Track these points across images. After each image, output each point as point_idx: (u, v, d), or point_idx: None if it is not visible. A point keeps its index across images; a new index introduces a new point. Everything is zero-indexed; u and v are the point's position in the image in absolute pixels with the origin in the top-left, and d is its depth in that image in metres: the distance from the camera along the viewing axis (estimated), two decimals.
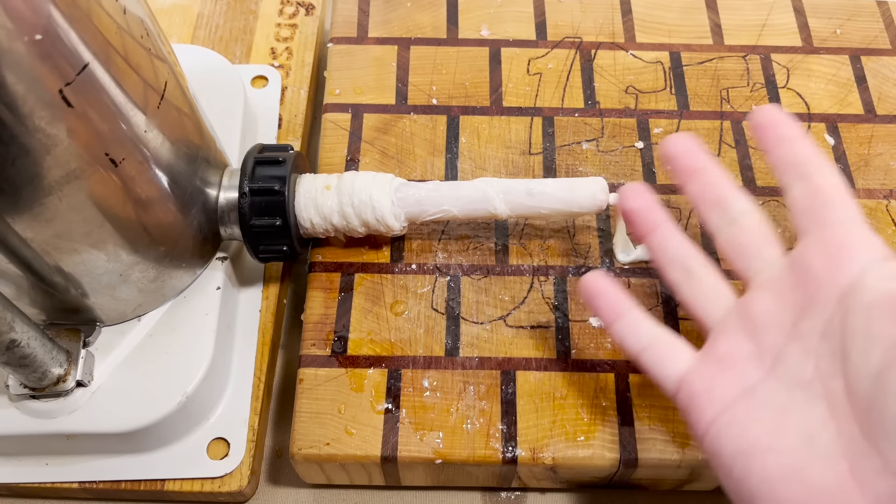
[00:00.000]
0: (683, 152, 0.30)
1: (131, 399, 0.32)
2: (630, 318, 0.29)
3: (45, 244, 0.27)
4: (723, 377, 0.26)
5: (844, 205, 0.27)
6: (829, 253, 0.26)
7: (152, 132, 0.28)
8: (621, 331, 0.29)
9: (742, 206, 0.29)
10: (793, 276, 0.26)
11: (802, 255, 0.26)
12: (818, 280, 0.25)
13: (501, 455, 0.31)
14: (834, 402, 0.24)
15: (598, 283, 0.30)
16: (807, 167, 0.28)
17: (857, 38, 0.43)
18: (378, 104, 0.40)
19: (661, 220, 0.30)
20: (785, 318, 0.26)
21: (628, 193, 0.31)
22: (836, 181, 0.27)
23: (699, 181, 0.30)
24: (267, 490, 0.36)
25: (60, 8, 0.22)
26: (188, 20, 0.46)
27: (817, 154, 0.28)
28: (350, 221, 0.34)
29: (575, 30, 0.43)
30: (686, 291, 0.29)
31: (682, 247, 0.29)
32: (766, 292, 0.27)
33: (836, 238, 0.26)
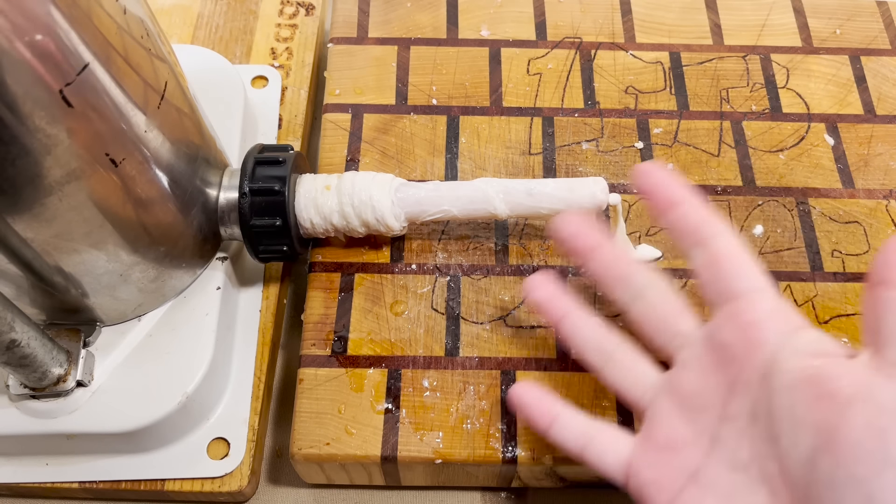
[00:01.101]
0: (576, 232, 0.29)
1: (131, 399, 0.32)
2: (564, 419, 0.28)
3: (45, 244, 0.27)
4: (667, 464, 0.26)
5: (748, 274, 0.26)
6: (741, 330, 0.25)
7: (152, 132, 0.28)
8: (558, 433, 0.28)
9: (644, 280, 0.28)
10: (712, 354, 0.26)
11: (717, 333, 0.26)
12: (736, 360, 0.25)
13: (501, 455, 0.31)
14: (773, 487, 0.23)
15: (526, 394, 0.29)
16: (702, 234, 0.27)
17: (857, 39, 0.43)
18: (378, 104, 0.40)
19: (570, 307, 0.29)
20: (714, 399, 0.25)
21: (533, 284, 0.30)
22: (734, 247, 0.26)
23: (597, 259, 0.29)
24: (267, 490, 0.36)
25: (61, 8, 0.22)
26: (188, 20, 0.46)
27: (710, 217, 0.27)
28: (350, 221, 0.34)
29: (575, 30, 0.43)
30: (608, 375, 0.28)
31: (596, 330, 0.29)
32: (691, 372, 0.26)
33: (745, 314, 0.25)
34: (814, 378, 0.23)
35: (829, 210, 0.38)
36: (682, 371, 0.27)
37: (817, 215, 0.37)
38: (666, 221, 0.28)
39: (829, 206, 0.38)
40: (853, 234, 0.37)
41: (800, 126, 0.40)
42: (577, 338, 0.29)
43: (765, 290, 0.26)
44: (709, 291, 0.27)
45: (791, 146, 0.39)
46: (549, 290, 0.30)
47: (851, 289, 0.35)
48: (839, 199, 0.38)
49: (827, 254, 0.36)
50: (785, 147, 0.39)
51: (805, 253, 0.36)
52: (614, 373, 0.28)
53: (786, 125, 0.40)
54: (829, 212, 0.37)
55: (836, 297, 0.35)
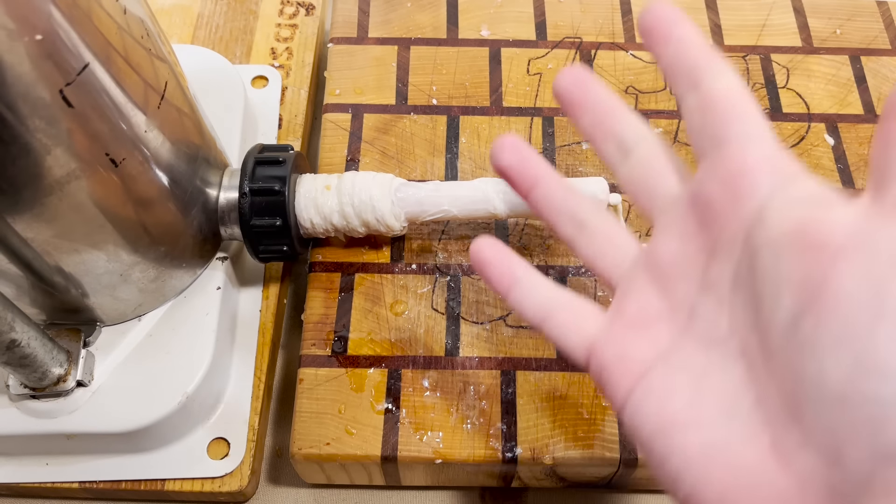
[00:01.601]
0: (571, 85, 0.26)
1: (131, 399, 0.32)
2: (526, 284, 0.25)
3: (45, 244, 0.27)
4: (634, 341, 0.23)
5: (743, 116, 0.22)
6: (728, 181, 0.21)
7: (152, 132, 0.28)
8: (518, 300, 0.25)
9: (636, 133, 0.25)
10: (695, 213, 0.22)
11: (701, 187, 0.22)
12: (720, 216, 0.21)
13: (501, 455, 0.31)
14: (752, 362, 0.20)
15: (486, 251, 0.26)
16: (698, 73, 0.23)
17: (857, 38, 0.43)
18: (378, 104, 0.40)
19: (542, 173, 0.26)
20: (694, 265, 0.22)
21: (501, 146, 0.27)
22: (733, 87, 0.23)
23: (589, 114, 0.26)
24: (267, 490, 0.36)
25: (61, 8, 0.22)
26: (188, 20, 0.46)
27: (712, 56, 0.23)
28: (350, 221, 0.34)
29: (575, 30, 0.43)
30: (582, 246, 0.25)
31: (569, 197, 0.26)
32: (671, 236, 0.23)
33: (734, 162, 0.22)
34: (802, 228, 0.19)
35: None
36: (660, 237, 0.23)
37: None
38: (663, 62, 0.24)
39: None
40: None
41: (800, 126, 0.40)
42: (549, 206, 0.26)
43: (761, 136, 0.22)
44: (697, 140, 0.23)
45: (791, 146, 0.39)
46: (518, 155, 0.26)
47: None
48: None
49: None
50: (785, 147, 0.39)
51: None
52: (588, 243, 0.25)
53: (786, 125, 0.40)
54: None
55: None
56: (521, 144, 0.27)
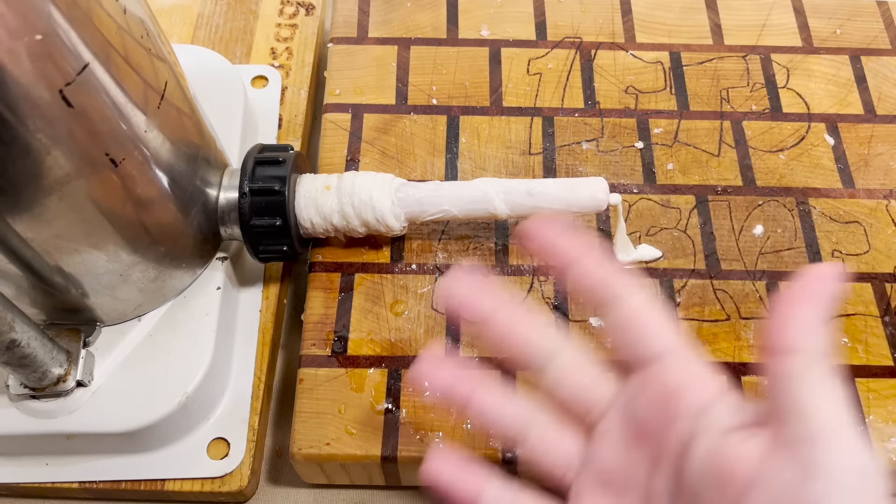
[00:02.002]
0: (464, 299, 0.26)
1: (131, 399, 0.32)
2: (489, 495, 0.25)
3: (45, 244, 0.27)
4: None
5: (656, 336, 0.24)
6: (656, 403, 0.24)
7: (152, 132, 0.28)
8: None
9: (549, 347, 0.26)
10: (630, 428, 0.24)
11: (633, 405, 0.24)
12: (655, 433, 0.24)
13: (501, 455, 0.31)
14: None
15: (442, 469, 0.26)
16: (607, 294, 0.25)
17: (857, 38, 0.43)
18: (378, 104, 0.40)
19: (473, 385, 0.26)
20: (637, 476, 0.24)
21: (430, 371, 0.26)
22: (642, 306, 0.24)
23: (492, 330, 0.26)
24: (267, 490, 0.36)
25: (61, 8, 0.22)
26: (188, 20, 0.46)
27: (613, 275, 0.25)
28: (350, 221, 0.34)
29: (575, 30, 0.43)
30: (527, 454, 0.26)
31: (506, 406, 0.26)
32: (611, 446, 0.25)
33: (658, 384, 0.24)
34: (717, 462, 0.22)
35: (829, 210, 0.38)
36: (601, 445, 0.25)
37: (817, 215, 0.37)
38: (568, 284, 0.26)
39: (829, 206, 0.38)
40: (853, 234, 0.37)
41: (800, 126, 0.40)
42: (488, 419, 0.26)
43: (677, 354, 0.24)
44: (623, 353, 0.25)
45: (791, 146, 0.39)
46: (447, 374, 0.26)
47: (851, 289, 0.35)
48: (839, 199, 0.38)
49: (827, 254, 0.36)
50: (785, 147, 0.39)
51: (805, 253, 0.36)
52: (534, 451, 0.26)
53: (786, 125, 0.40)
54: (829, 212, 0.37)
55: None
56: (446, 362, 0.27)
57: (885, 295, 0.35)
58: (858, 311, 0.35)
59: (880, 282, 0.36)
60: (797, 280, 0.22)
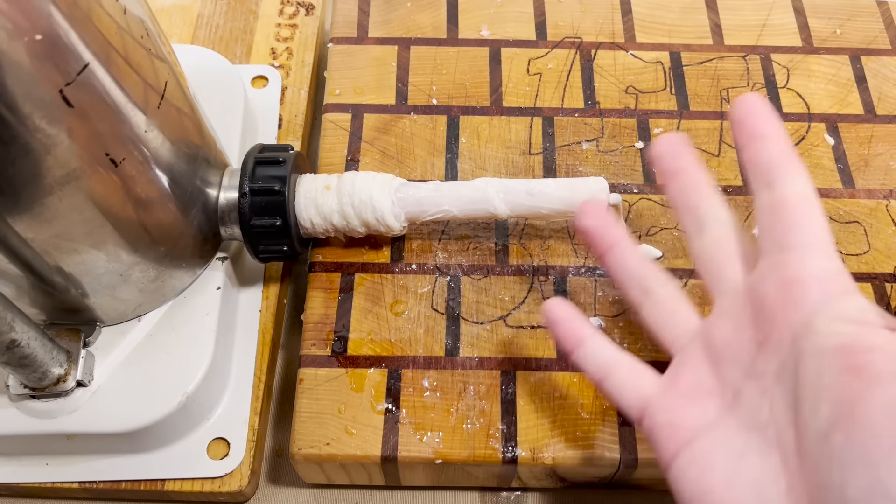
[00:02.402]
0: (667, 153, 0.29)
1: (131, 399, 0.32)
2: (590, 345, 0.28)
3: (45, 244, 0.27)
4: (684, 411, 0.25)
5: (808, 225, 0.24)
6: (783, 287, 0.24)
7: (152, 132, 0.28)
8: (581, 359, 0.28)
9: (713, 214, 0.27)
10: (750, 307, 0.25)
11: (758, 285, 0.25)
12: (772, 316, 0.24)
13: (501, 455, 0.31)
14: (786, 454, 0.22)
15: (557, 311, 0.29)
16: (775, 174, 0.25)
17: (857, 38, 0.43)
18: (378, 104, 0.40)
19: (619, 238, 0.29)
20: (744, 353, 0.25)
21: (586, 211, 0.29)
22: (803, 194, 0.25)
23: (678, 183, 0.28)
24: (267, 490, 0.36)
25: (61, 8, 0.22)
26: (188, 20, 0.46)
27: (789, 158, 0.25)
28: (350, 221, 0.34)
29: (575, 30, 0.43)
30: (646, 313, 0.28)
31: (640, 266, 0.28)
32: (727, 320, 0.26)
33: (792, 269, 0.24)
34: (845, 347, 0.21)
35: (829, 210, 0.38)
36: (718, 319, 0.26)
37: None
38: (743, 154, 0.26)
39: (829, 205, 0.38)
40: (853, 234, 0.37)
41: (800, 126, 0.40)
42: (620, 271, 0.28)
43: (820, 247, 0.24)
44: (763, 237, 0.25)
45: None
46: (600, 219, 0.29)
47: None
48: (839, 198, 0.38)
49: None
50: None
51: None
52: (653, 311, 0.28)
53: (786, 125, 0.40)
54: (829, 212, 0.37)
55: None
56: (603, 210, 0.29)
57: (886, 295, 0.35)
58: None
59: (880, 282, 0.36)
60: None
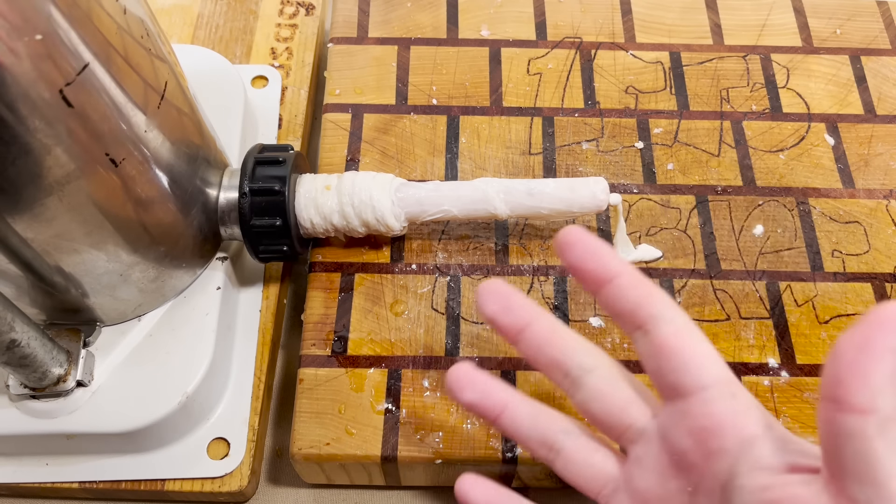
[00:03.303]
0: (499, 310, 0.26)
1: (131, 399, 0.32)
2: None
3: (45, 244, 0.27)
4: None
5: (700, 365, 0.23)
6: (697, 438, 0.23)
7: (152, 132, 0.28)
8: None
9: (580, 363, 0.25)
10: (668, 455, 0.24)
11: (671, 436, 0.24)
12: (695, 467, 0.23)
13: (501, 455, 0.31)
14: None
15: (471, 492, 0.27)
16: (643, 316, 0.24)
17: (857, 38, 0.43)
18: (378, 104, 0.40)
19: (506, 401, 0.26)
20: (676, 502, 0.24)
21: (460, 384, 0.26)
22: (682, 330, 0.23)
23: (525, 340, 0.26)
24: (267, 490, 0.36)
25: (61, 8, 0.22)
26: (188, 20, 0.46)
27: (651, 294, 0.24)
28: (350, 221, 0.34)
29: (575, 30, 0.43)
30: (561, 469, 0.26)
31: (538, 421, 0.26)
32: (648, 471, 0.24)
33: (699, 418, 0.23)
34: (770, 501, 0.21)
35: (829, 210, 0.38)
36: (638, 470, 0.25)
37: (817, 215, 0.37)
38: (600, 300, 0.25)
39: (829, 206, 0.38)
40: (853, 234, 0.37)
41: (800, 126, 0.40)
42: (519, 433, 0.26)
43: (719, 385, 0.23)
44: (655, 382, 0.24)
45: (791, 146, 0.39)
46: (479, 387, 0.26)
47: (852, 289, 0.35)
48: (839, 199, 0.38)
49: (827, 254, 0.36)
50: (785, 147, 0.39)
51: (805, 253, 0.36)
52: (568, 466, 0.26)
53: (786, 125, 0.40)
54: (829, 212, 0.37)
55: (836, 297, 0.35)
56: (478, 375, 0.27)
57: (886, 295, 0.35)
58: (859, 311, 0.35)
59: (880, 282, 0.36)
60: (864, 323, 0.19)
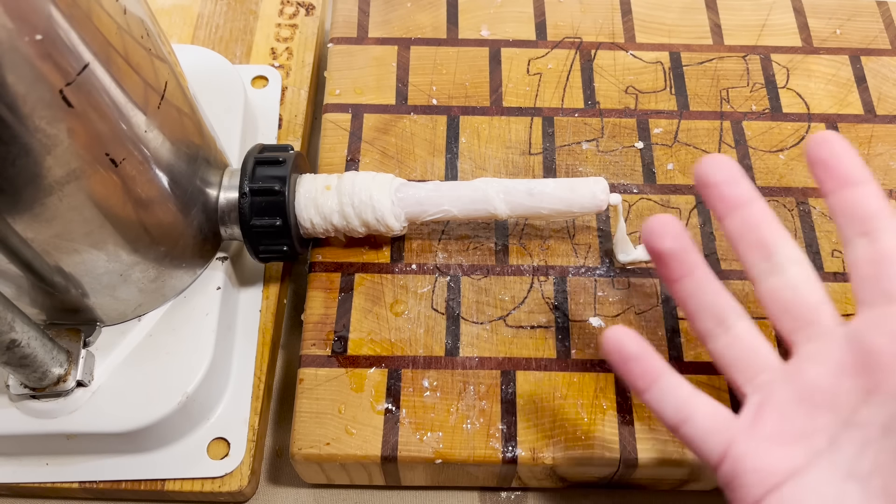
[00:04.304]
0: (723, 181, 0.26)
1: (131, 399, 0.32)
2: (663, 385, 0.26)
3: (45, 244, 0.27)
4: (772, 455, 0.24)
5: None
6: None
7: (152, 132, 0.28)
8: (655, 402, 0.26)
9: (789, 254, 0.26)
10: (854, 355, 0.24)
11: (865, 335, 0.24)
12: (883, 367, 0.23)
13: (501, 455, 0.31)
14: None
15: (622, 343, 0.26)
16: (874, 224, 0.25)
17: (857, 38, 0.43)
18: (378, 104, 0.40)
19: (696, 264, 0.27)
20: (844, 400, 0.24)
21: (660, 231, 0.26)
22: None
23: (739, 216, 0.26)
24: (267, 490, 0.36)
25: (61, 8, 0.22)
26: (188, 20, 0.46)
27: (888, 208, 0.25)
28: (350, 221, 0.34)
29: (575, 30, 0.43)
30: (721, 347, 0.26)
31: (718, 296, 0.26)
32: (822, 367, 0.25)
33: None
34: None
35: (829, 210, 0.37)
36: (810, 364, 0.25)
37: (817, 215, 0.37)
38: (832, 199, 0.25)
39: None
40: None
41: (800, 126, 0.40)
42: (695, 301, 0.27)
43: None
44: (863, 287, 0.25)
45: (791, 146, 0.39)
46: (676, 242, 0.26)
47: (851, 289, 0.35)
48: None
49: (827, 254, 0.36)
50: (785, 147, 0.39)
51: (805, 253, 0.36)
52: (729, 347, 0.26)
53: (786, 125, 0.40)
54: (829, 212, 0.37)
55: (836, 298, 0.35)
56: (681, 230, 0.27)
57: None
58: None
59: None
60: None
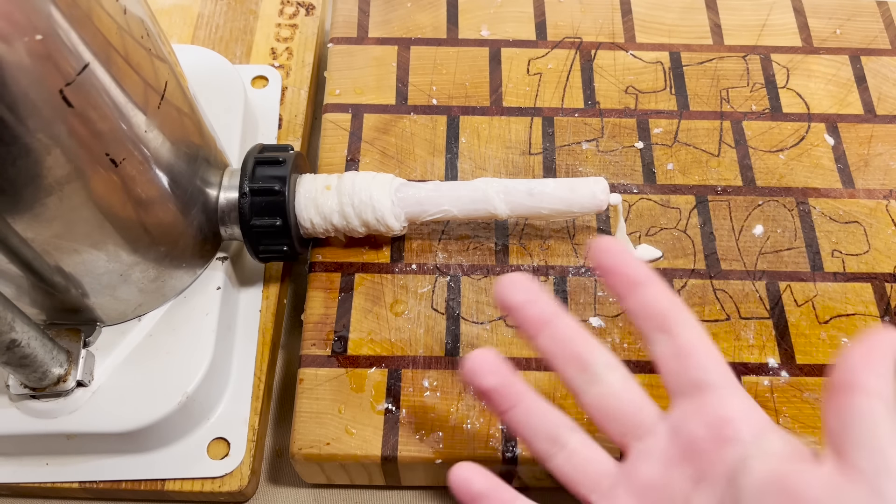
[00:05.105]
0: (524, 301, 0.27)
1: (131, 399, 0.32)
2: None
3: (45, 244, 0.27)
4: None
5: (716, 368, 0.25)
6: (712, 426, 0.25)
7: (152, 132, 0.28)
8: None
9: (604, 360, 0.26)
10: (677, 447, 0.25)
11: (683, 425, 0.25)
12: (704, 454, 0.25)
13: (501, 455, 0.31)
14: None
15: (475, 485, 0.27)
16: (669, 321, 0.26)
17: (857, 38, 0.43)
18: (378, 104, 0.40)
19: (522, 393, 0.27)
20: (677, 490, 0.25)
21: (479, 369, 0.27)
22: (702, 338, 0.26)
23: (548, 334, 0.27)
24: (267, 490, 0.36)
25: (61, 8, 0.22)
26: (188, 20, 0.46)
27: (677, 303, 0.26)
28: (350, 221, 0.34)
29: (575, 30, 0.43)
30: (559, 465, 0.27)
31: (549, 417, 0.27)
32: (652, 463, 0.26)
33: (717, 409, 0.25)
34: (782, 483, 0.23)
35: (829, 210, 0.38)
36: (641, 462, 0.26)
37: (817, 215, 0.37)
38: (626, 303, 0.26)
39: (829, 206, 0.38)
40: (853, 234, 0.37)
41: (800, 126, 0.40)
42: (526, 428, 0.27)
43: (733, 387, 0.25)
44: (673, 379, 0.26)
45: (791, 146, 0.39)
46: (497, 377, 0.27)
47: (851, 289, 0.35)
48: (839, 199, 0.38)
49: (827, 254, 0.36)
50: (785, 147, 0.39)
51: (805, 253, 0.36)
52: (570, 460, 0.27)
53: (786, 125, 0.40)
54: (829, 212, 0.37)
55: (836, 297, 0.35)
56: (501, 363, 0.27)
57: (885, 295, 0.35)
58: (858, 311, 0.35)
59: (880, 282, 0.36)
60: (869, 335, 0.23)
